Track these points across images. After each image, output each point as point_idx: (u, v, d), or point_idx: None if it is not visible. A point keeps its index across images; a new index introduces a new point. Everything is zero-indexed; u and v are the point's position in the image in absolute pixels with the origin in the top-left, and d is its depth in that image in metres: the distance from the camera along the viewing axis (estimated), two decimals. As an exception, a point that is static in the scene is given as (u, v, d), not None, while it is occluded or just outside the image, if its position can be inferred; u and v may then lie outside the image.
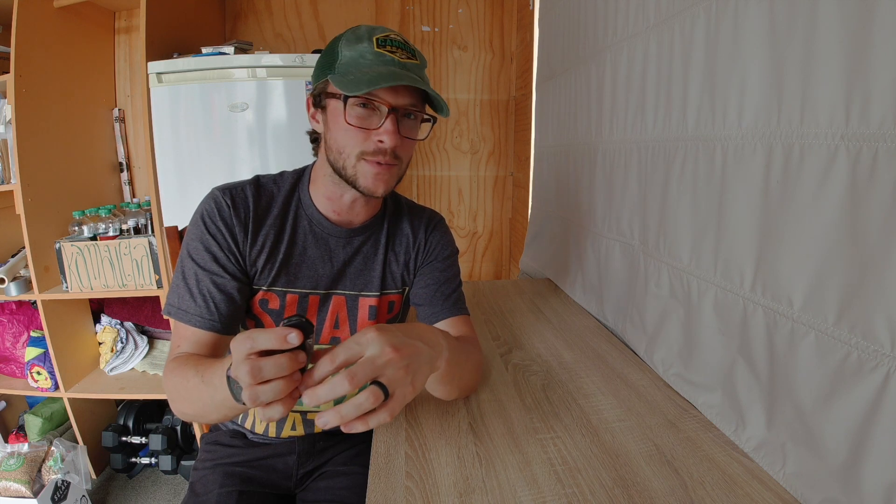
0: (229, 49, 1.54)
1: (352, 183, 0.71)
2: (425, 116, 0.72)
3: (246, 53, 1.56)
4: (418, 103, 0.69)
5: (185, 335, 0.70)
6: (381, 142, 0.67)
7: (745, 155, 0.66)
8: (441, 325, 0.82)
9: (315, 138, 0.78)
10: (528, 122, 1.92)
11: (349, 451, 0.89)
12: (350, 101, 0.65)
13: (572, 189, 1.36)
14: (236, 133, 1.55)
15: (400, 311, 0.87)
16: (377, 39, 0.66)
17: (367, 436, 0.78)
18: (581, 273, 1.29)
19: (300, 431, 0.86)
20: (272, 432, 0.86)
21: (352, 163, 0.69)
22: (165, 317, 0.66)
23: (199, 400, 0.60)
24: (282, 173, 0.81)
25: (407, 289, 0.86)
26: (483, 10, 2.12)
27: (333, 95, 0.68)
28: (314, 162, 0.80)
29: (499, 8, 2.13)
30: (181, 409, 0.65)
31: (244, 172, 1.55)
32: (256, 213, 0.74)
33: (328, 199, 0.76)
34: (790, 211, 0.58)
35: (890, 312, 0.46)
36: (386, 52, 0.66)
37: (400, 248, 0.84)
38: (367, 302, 0.82)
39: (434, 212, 0.90)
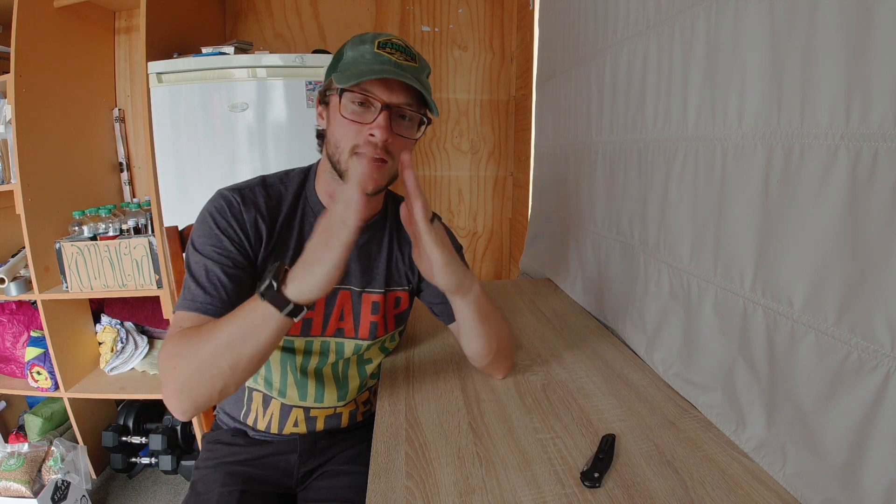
0: (229, 49, 1.54)
1: (344, 177, 0.72)
2: (422, 118, 0.73)
3: (246, 53, 1.56)
4: (414, 103, 0.71)
5: (187, 317, 0.67)
6: (371, 135, 0.69)
7: (745, 155, 0.66)
8: None
9: (320, 134, 0.80)
10: (528, 122, 1.92)
11: (350, 450, 0.89)
12: (346, 94, 0.68)
13: (572, 189, 1.36)
14: (236, 133, 1.55)
15: (408, 307, 0.90)
16: (379, 42, 0.70)
17: (368, 435, 0.78)
18: (581, 273, 1.29)
19: (302, 429, 0.87)
20: (274, 428, 0.86)
21: (345, 157, 0.71)
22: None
23: (219, 338, 0.60)
24: (287, 172, 0.83)
25: (412, 286, 0.89)
26: (483, 10, 2.12)
27: (334, 91, 0.71)
28: (319, 160, 0.82)
29: (499, 8, 2.13)
30: (183, 372, 0.61)
31: (244, 172, 1.55)
32: (269, 212, 0.76)
33: (330, 196, 0.79)
34: (790, 211, 0.58)
35: (890, 312, 0.46)
36: (384, 53, 0.69)
37: (405, 249, 0.87)
38: (370, 298, 0.84)
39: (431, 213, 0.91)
